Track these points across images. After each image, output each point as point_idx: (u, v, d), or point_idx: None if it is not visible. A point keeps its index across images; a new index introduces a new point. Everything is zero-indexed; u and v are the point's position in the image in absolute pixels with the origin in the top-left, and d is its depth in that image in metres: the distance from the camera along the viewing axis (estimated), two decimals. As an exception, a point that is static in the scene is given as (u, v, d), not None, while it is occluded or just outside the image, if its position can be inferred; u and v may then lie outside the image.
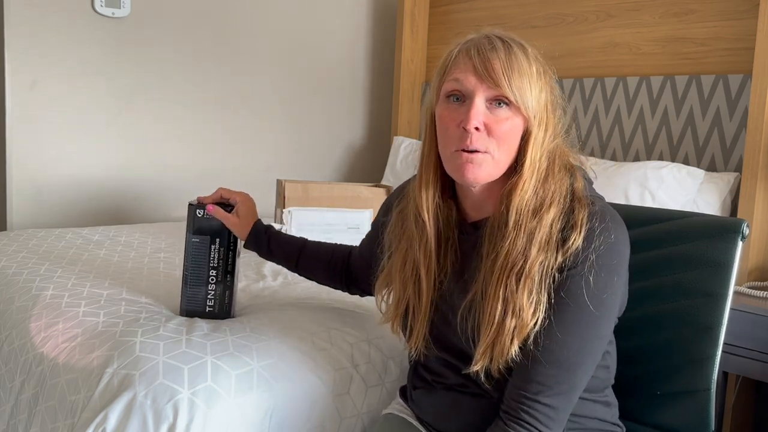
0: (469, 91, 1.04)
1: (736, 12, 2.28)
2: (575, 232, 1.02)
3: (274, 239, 1.48)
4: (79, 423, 1.23)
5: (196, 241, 1.48)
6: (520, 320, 1.01)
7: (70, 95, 2.66)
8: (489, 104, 1.04)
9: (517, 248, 1.02)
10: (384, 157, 3.45)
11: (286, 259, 1.49)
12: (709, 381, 1.21)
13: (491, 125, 1.03)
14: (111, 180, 2.79)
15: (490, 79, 1.02)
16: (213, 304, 1.51)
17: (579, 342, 1.03)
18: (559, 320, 1.02)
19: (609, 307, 1.04)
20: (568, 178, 1.08)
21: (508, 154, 1.05)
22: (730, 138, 2.28)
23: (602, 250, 1.01)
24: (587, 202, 1.05)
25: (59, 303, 1.60)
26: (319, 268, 1.48)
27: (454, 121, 1.05)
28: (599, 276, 1.01)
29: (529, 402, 1.03)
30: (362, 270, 1.41)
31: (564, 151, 1.10)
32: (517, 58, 1.03)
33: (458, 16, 3.18)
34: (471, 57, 1.04)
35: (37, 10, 2.55)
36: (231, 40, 3.01)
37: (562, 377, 1.03)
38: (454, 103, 1.06)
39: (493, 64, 1.02)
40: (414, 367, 1.27)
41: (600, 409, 1.16)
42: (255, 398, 1.27)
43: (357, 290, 1.48)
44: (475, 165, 1.04)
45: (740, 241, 1.21)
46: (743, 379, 2.10)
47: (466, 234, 1.14)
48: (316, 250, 1.49)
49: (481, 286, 1.06)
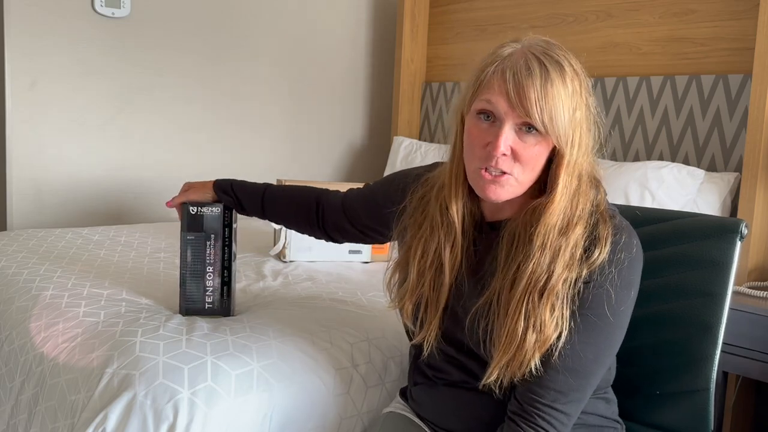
0: (500, 115, 1.02)
1: (736, 12, 2.28)
2: (599, 247, 1.02)
3: (238, 188, 1.49)
4: (79, 423, 1.23)
5: (191, 238, 1.48)
6: (542, 335, 1.01)
7: (70, 95, 2.66)
8: (518, 128, 1.02)
9: (542, 267, 1.02)
10: (384, 157, 3.45)
11: (252, 206, 1.49)
12: (708, 381, 1.21)
13: (518, 150, 1.02)
14: (111, 180, 2.79)
15: (522, 109, 1.00)
16: (212, 301, 1.51)
17: (596, 353, 1.05)
18: (578, 333, 1.02)
19: (624, 318, 1.06)
20: (594, 192, 1.07)
21: (532, 175, 1.05)
22: (730, 138, 2.28)
23: (624, 264, 1.03)
24: (609, 215, 1.06)
25: (59, 303, 1.60)
26: (286, 212, 1.48)
27: (482, 141, 1.04)
28: (620, 290, 1.03)
29: (545, 408, 1.04)
30: (336, 219, 1.40)
31: (592, 167, 1.08)
32: (554, 86, 1.00)
33: (458, 16, 3.18)
34: (506, 80, 1.01)
35: (37, 10, 2.55)
36: (231, 41, 3.01)
37: (578, 386, 1.05)
38: (484, 121, 1.04)
39: (528, 93, 0.99)
40: (414, 364, 1.27)
41: (601, 405, 1.17)
42: (255, 398, 1.27)
43: (325, 235, 1.46)
44: (497, 186, 1.04)
45: (739, 241, 1.22)
46: (743, 379, 2.10)
47: (483, 233, 1.14)
48: (278, 192, 1.48)
49: (497, 295, 1.06)
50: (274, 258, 2.17)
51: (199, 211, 1.48)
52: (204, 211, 1.48)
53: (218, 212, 1.49)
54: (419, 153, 3.06)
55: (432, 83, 3.30)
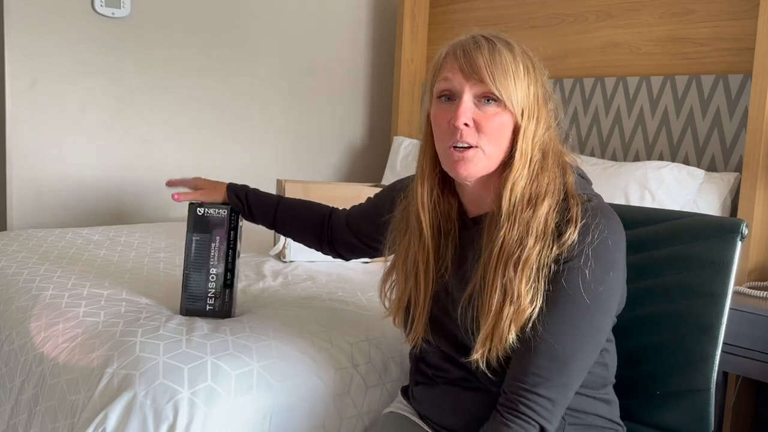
0: (457, 89, 1.08)
1: (736, 12, 2.28)
2: (570, 227, 1.04)
3: (252, 196, 1.50)
4: (79, 423, 1.23)
5: (197, 239, 1.49)
6: (518, 306, 1.03)
7: (70, 95, 2.66)
8: (477, 101, 1.07)
9: (512, 237, 1.05)
10: (384, 157, 3.45)
11: (263, 216, 1.50)
12: (708, 381, 1.21)
13: (480, 121, 1.07)
14: (111, 180, 2.79)
15: (476, 76, 1.06)
16: (213, 303, 1.51)
17: (574, 333, 1.05)
18: (554, 311, 1.04)
19: (604, 301, 1.06)
20: (561, 174, 1.10)
21: (498, 148, 1.08)
22: (730, 138, 2.28)
23: (596, 244, 1.03)
24: (582, 198, 1.08)
25: (59, 303, 1.60)
26: (296, 227, 1.50)
27: (445, 119, 1.09)
28: (594, 270, 1.03)
29: (527, 394, 1.04)
30: (343, 235, 1.44)
31: (558, 149, 1.12)
32: (501, 55, 1.06)
33: (458, 16, 3.18)
34: (457, 57, 1.08)
35: (37, 10, 2.55)
36: (231, 41, 3.01)
37: (559, 369, 1.04)
38: (445, 102, 1.10)
39: (477, 62, 1.06)
40: (415, 364, 1.28)
41: (601, 406, 1.17)
42: (255, 398, 1.27)
43: (333, 252, 1.49)
44: (466, 161, 1.08)
45: (739, 241, 1.22)
46: (743, 379, 2.10)
47: (466, 228, 1.17)
48: (291, 206, 1.50)
49: (480, 277, 1.08)
50: (274, 258, 2.17)
51: (206, 212, 1.48)
52: (210, 212, 1.49)
53: (224, 214, 1.49)
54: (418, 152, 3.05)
55: (432, 83, 3.30)
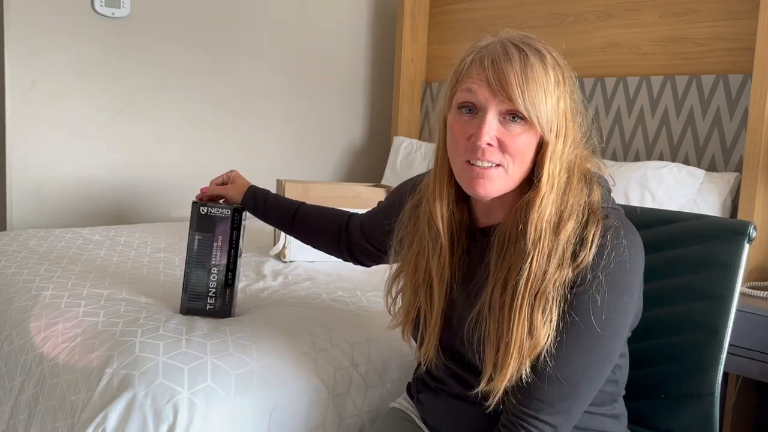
0: (482, 104, 0.99)
1: (736, 12, 2.28)
2: (585, 248, 0.97)
3: (271, 199, 1.48)
4: (79, 423, 1.23)
5: (200, 238, 1.48)
6: (534, 341, 0.97)
7: (70, 95, 2.65)
8: (502, 118, 0.99)
9: (539, 268, 0.97)
10: (384, 157, 3.45)
11: (280, 221, 1.48)
12: (713, 385, 1.19)
13: (504, 140, 0.99)
14: (111, 180, 2.78)
15: (504, 93, 0.97)
16: (214, 302, 1.51)
17: (582, 361, 1.00)
18: (562, 339, 0.98)
19: (616, 326, 1.01)
20: (586, 189, 1.03)
21: (522, 168, 1.01)
22: (730, 138, 2.27)
23: (612, 268, 0.97)
24: (602, 215, 1.01)
25: (59, 303, 1.60)
26: (315, 234, 1.46)
27: (465, 134, 1.01)
28: (607, 296, 0.97)
29: (529, 419, 1.01)
30: (359, 241, 1.39)
31: (583, 160, 1.05)
32: (533, 70, 0.97)
33: (458, 16, 3.18)
34: (485, 68, 0.99)
35: (37, 10, 2.55)
36: (231, 41, 3.01)
37: (564, 395, 1.00)
38: (466, 114, 1.01)
39: (508, 77, 0.97)
40: (418, 374, 1.26)
41: (607, 422, 1.13)
42: (255, 398, 1.27)
43: (352, 258, 1.44)
44: (487, 180, 1.00)
45: (747, 243, 1.20)
46: (743, 380, 2.10)
47: (475, 240, 1.11)
48: (309, 213, 1.46)
49: (489, 300, 1.03)
50: (274, 258, 2.17)
51: (210, 211, 1.47)
52: (214, 212, 1.48)
53: (228, 214, 1.48)
54: (419, 153, 3.06)
55: (432, 83, 3.30)
